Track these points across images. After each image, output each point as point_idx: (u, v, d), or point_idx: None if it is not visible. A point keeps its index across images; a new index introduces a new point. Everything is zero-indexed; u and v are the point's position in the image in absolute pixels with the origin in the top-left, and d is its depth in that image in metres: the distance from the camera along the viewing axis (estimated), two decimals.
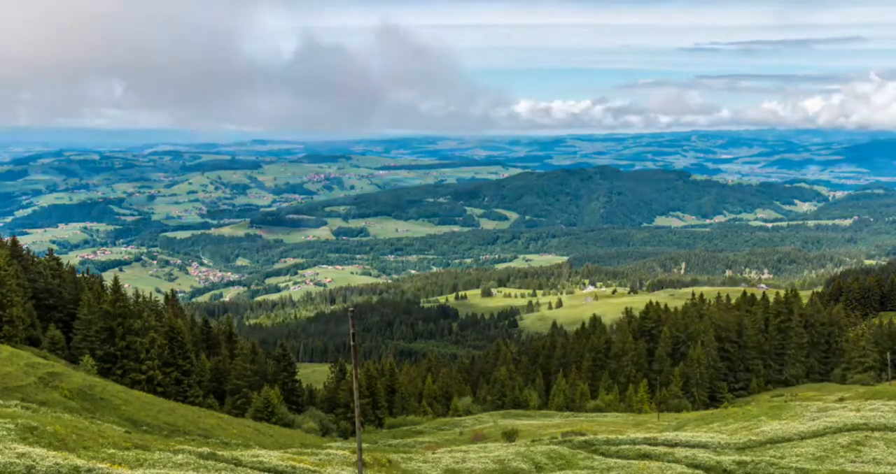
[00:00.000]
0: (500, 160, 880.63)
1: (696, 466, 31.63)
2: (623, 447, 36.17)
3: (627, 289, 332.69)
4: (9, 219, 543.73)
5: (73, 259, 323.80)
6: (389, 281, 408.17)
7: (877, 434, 35.31)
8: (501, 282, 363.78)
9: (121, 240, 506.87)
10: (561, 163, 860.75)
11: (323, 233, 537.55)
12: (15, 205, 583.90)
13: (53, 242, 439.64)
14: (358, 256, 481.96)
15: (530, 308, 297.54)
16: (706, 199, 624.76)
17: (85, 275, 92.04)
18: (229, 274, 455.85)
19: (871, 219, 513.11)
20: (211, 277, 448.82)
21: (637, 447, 35.78)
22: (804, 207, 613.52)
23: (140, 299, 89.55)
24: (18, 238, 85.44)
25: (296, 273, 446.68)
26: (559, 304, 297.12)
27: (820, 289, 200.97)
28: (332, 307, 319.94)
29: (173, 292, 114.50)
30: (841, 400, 57.70)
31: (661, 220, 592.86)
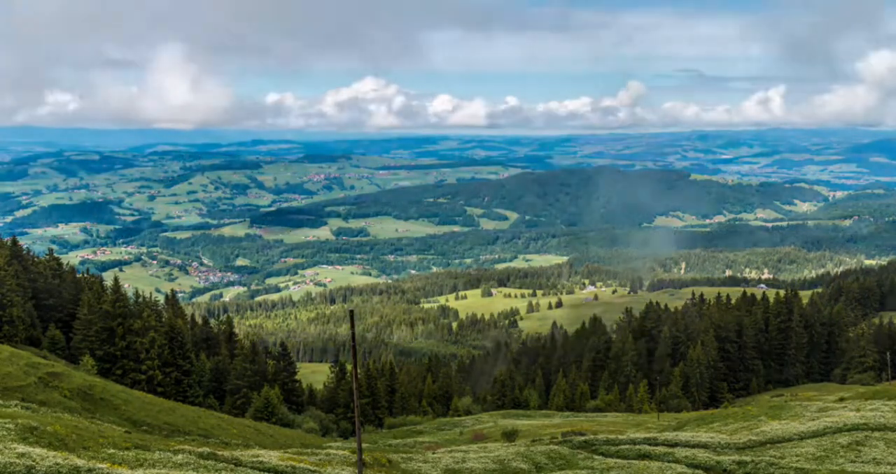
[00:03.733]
0: (500, 160, 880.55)
1: (696, 466, 31.61)
2: (623, 447, 36.15)
3: (627, 289, 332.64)
4: (9, 218, 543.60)
5: (73, 259, 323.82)
6: (389, 281, 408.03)
7: (877, 434, 35.29)
8: (501, 283, 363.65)
9: (121, 240, 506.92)
10: (561, 163, 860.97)
11: (323, 233, 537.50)
12: (15, 205, 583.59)
13: (53, 242, 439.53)
14: (358, 256, 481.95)
15: (530, 308, 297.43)
16: (706, 199, 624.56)
17: (85, 275, 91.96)
18: (229, 274, 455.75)
19: (871, 219, 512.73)
20: (211, 277, 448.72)
21: (637, 447, 35.76)
22: (804, 207, 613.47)
23: (140, 299, 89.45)
24: (18, 238, 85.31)
25: (296, 273, 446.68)
26: (559, 304, 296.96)
27: (820, 289, 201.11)
28: (332, 307, 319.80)
29: (173, 292, 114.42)
30: (841, 400, 57.66)
31: (661, 220, 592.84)
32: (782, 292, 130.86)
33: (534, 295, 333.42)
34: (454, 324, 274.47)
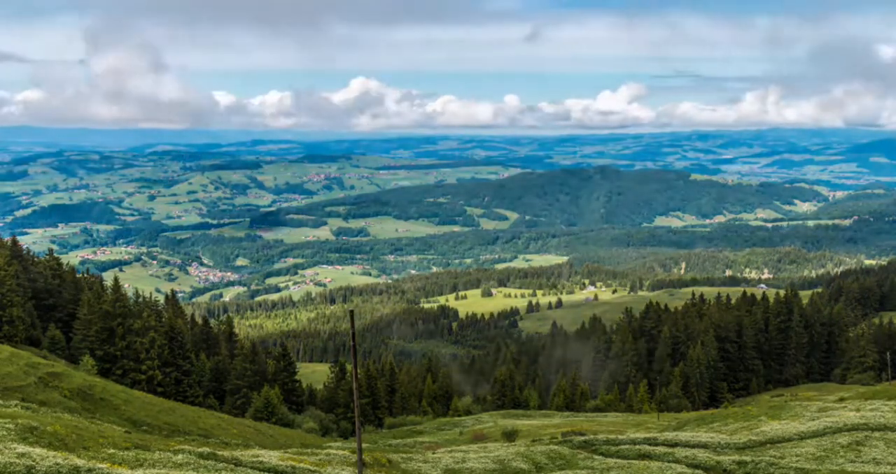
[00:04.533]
0: (500, 160, 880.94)
1: (696, 466, 31.61)
2: (623, 447, 36.15)
3: (627, 289, 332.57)
4: (9, 218, 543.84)
5: (73, 259, 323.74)
6: (389, 281, 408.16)
7: (877, 434, 35.28)
8: (501, 283, 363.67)
9: (121, 240, 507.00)
10: (561, 163, 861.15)
11: (323, 233, 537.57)
12: (15, 205, 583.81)
13: (53, 242, 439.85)
14: (358, 256, 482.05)
15: (530, 308, 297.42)
16: (706, 199, 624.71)
17: (85, 275, 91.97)
18: (229, 274, 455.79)
19: (871, 219, 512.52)
20: (211, 277, 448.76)
21: (637, 447, 35.76)
22: (804, 207, 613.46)
23: (140, 299, 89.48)
24: (18, 238, 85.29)
25: (296, 273, 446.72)
26: (559, 304, 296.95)
27: (820, 289, 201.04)
28: (332, 307, 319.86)
29: (173, 292, 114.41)
30: (841, 400, 57.67)
31: (661, 220, 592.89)
32: (782, 292, 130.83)
33: (534, 295, 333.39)
34: (454, 324, 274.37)
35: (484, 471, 31.66)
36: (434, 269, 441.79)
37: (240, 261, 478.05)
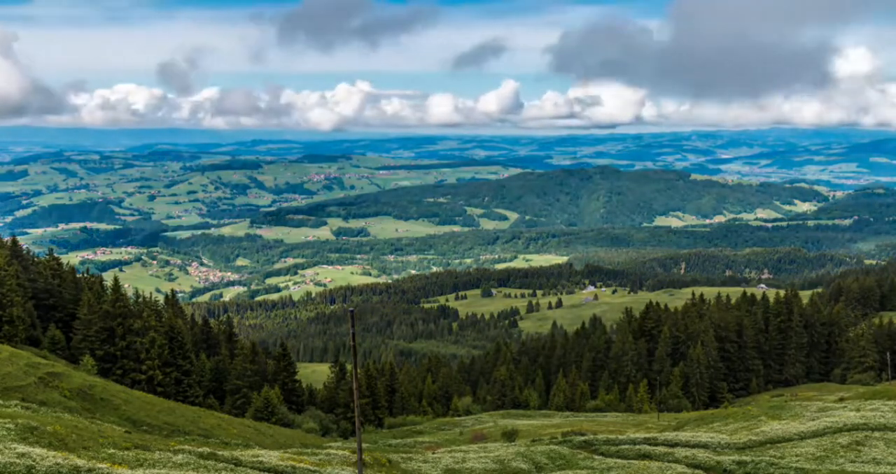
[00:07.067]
0: (500, 160, 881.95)
1: (696, 466, 31.62)
2: (623, 447, 36.16)
3: (627, 289, 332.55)
4: (9, 219, 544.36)
5: (73, 259, 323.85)
6: (389, 281, 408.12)
7: (877, 434, 35.29)
8: (501, 283, 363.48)
9: (121, 240, 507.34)
10: (561, 163, 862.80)
11: (323, 233, 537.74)
12: (15, 205, 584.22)
13: (53, 242, 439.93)
14: (358, 256, 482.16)
15: (530, 308, 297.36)
16: (706, 199, 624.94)
17: (85, 275, 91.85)
18: (229, 274, 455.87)
19: (871, 219, 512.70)
20: (211, 277, 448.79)
21: (637, 447, 35.77)
22: (804, 207, 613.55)
23: (140, 299, 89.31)
24: (18, 238, 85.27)
25: (296, 273, 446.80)
26: (559, 304, 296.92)
27: (820, 289, 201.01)
28: (332, 307, 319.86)
29: (173, 292, 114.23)
30: (841, 400, 57.70)
31: (661, 220, 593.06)
32: (782, 292, 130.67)
33: (534, 295, 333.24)
34: (454, 324, 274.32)
35: (484, 471, 31.65)
36: (434, 269, 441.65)
37: (240, 261, 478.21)
